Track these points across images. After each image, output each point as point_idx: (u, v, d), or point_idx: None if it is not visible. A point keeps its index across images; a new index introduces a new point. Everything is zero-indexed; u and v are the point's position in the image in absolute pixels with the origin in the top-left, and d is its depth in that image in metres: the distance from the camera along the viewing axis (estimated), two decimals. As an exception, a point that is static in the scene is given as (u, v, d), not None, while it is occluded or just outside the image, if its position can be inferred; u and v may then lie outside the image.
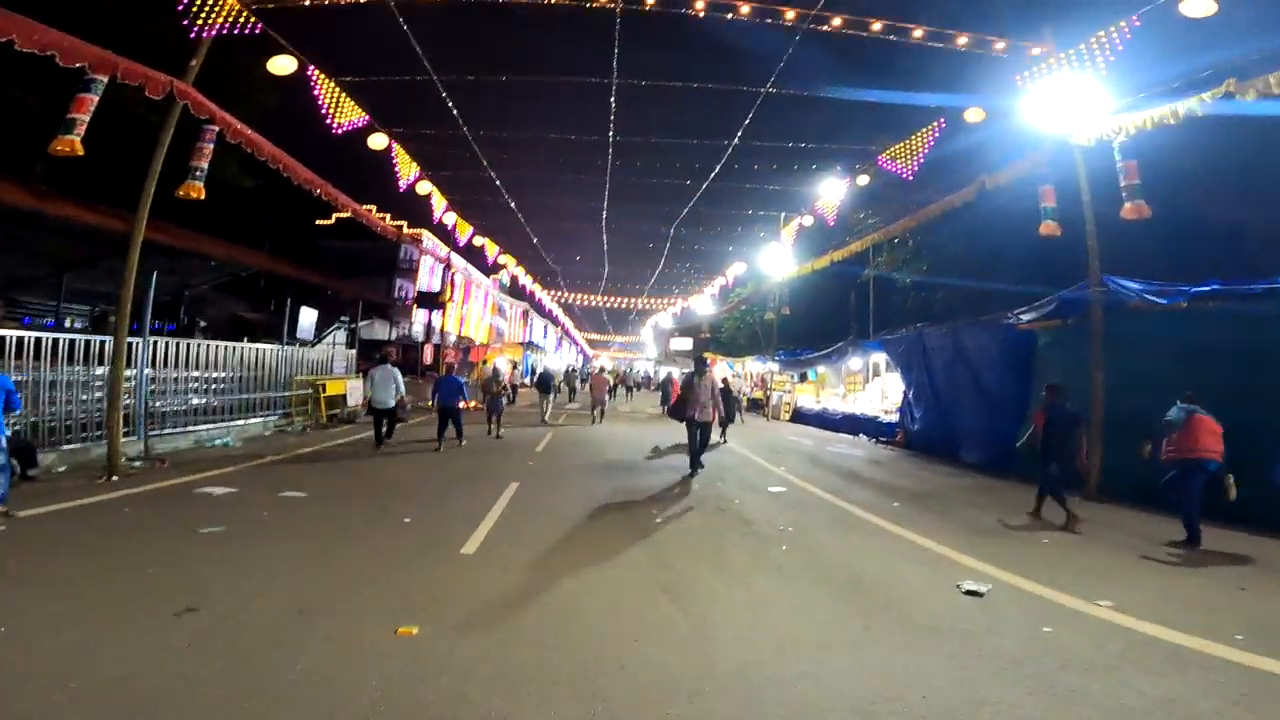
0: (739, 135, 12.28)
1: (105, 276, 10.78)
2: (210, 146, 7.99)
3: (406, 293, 34.09)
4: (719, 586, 4.37)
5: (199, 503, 6.21)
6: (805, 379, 21.83)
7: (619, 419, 18.38)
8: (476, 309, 40.79)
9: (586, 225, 19.80)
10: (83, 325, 15.01)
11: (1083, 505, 7.55)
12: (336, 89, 10.36)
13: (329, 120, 10.39)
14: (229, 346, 11.23)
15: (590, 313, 47.38)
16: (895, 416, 14.55)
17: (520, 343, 44.41)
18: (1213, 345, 7.24)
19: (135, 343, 8.88)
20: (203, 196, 7.84)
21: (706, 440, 9.11)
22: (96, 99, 6.46)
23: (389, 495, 6.84)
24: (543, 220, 19.95)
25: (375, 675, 2.88)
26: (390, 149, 12.87)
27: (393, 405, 10.24)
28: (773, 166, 13.85)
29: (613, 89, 10.88)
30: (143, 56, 6.89)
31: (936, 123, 10.99)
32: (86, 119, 6.40)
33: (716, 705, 2.77)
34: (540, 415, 16.11)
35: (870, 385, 17.92)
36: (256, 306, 19.59)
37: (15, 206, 8.51)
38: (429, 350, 27.10)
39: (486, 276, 39.57)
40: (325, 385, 13.38)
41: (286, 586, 3.98)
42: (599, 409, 16.80)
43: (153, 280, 9.30)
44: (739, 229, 19.70)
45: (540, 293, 37.25)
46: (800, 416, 19.96)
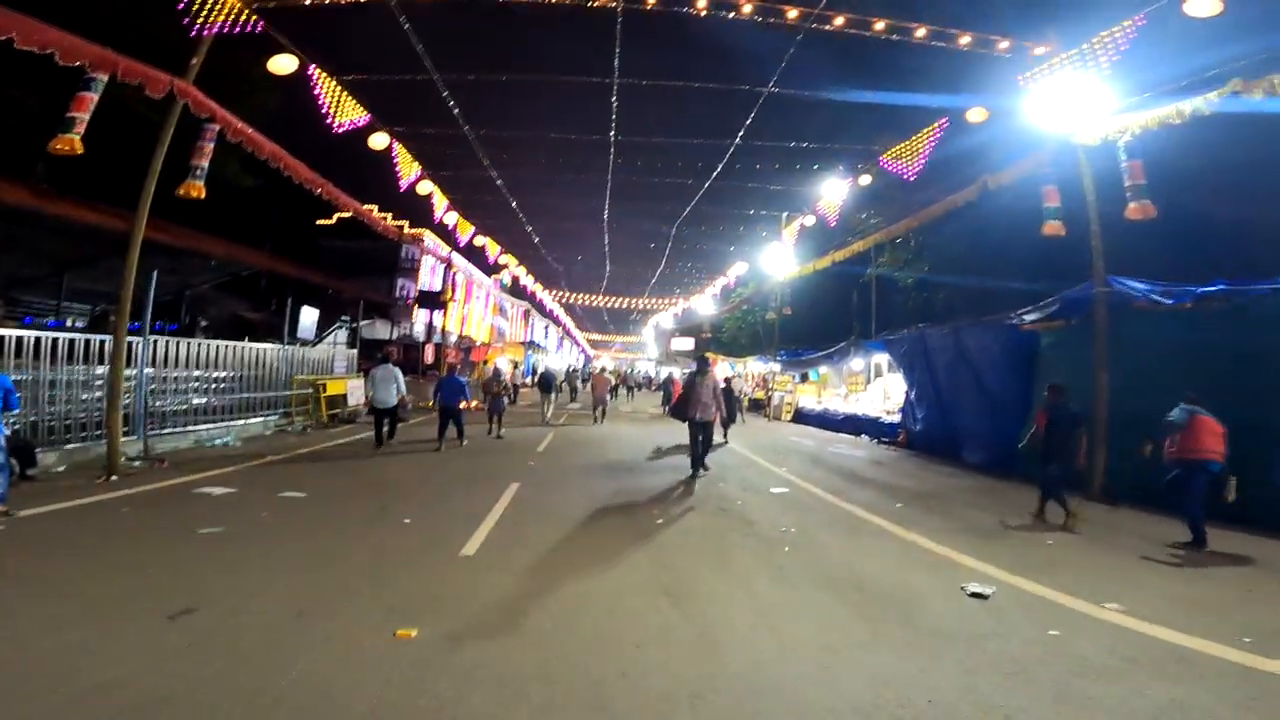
0: (741, 135, 12.23)
1: (106, 276, 10.77)
2: (211, 145, 7.98)
3: (408, 292, 34.05)
4: (721, 589, 4.33)
5: (198, 503, 6.18)
6: (807, 379, 21.79)
7: (620, 419, 18.35)
8: (478, 309, 40.77)
9: (588, 225, 19.77)
10: (84, 325, 15.01)
11: (1086, 506, 7.50)
12: (337, 88, 10.34)
13: (330, 119, 10.38)
14: (230, 346, 11.22)
15: (591, 313, 47.38)
16: (897, 417, 14.50)
17: (521, 342, 44.38)
18: (1217, 346, 7.20)
19: (135, 342, 8.87)
20: (203, 195, 7.83)
21: (709, 441, 9.04)
22: (96, 98, 6.45)
23: (389, 495, 6.81)
24: (544, 220, 19.92)
25: (374, 678, 2.85)
26: (391, 148, 12.85)
27: (394, 405, 10.23)
28: (775, 166, 13.80)
29: (614, 88, 10.85)
30: (143, 55, 6.88)
31: (939, 123, 10.94)
32: (86, 117, 6.40)
33: (720, 710, 2.74)
34: (541, 415, 16.09)
35: (872, 386, 17.87)
36: (257, 306, 19.58)
37: (16, 205, 8.50)
38: (430, 350, 27.05)
39: (488, 276, 39.55)
40: (326, 385, 13.36)
41: (285, 588, 3.95)
42: (600, 409, 16.79)
43: (153, 279, 9.29)
44: (740, 229, 19.65)
45: (541, 293, 37.25)
46: (802, 417, 19.91)
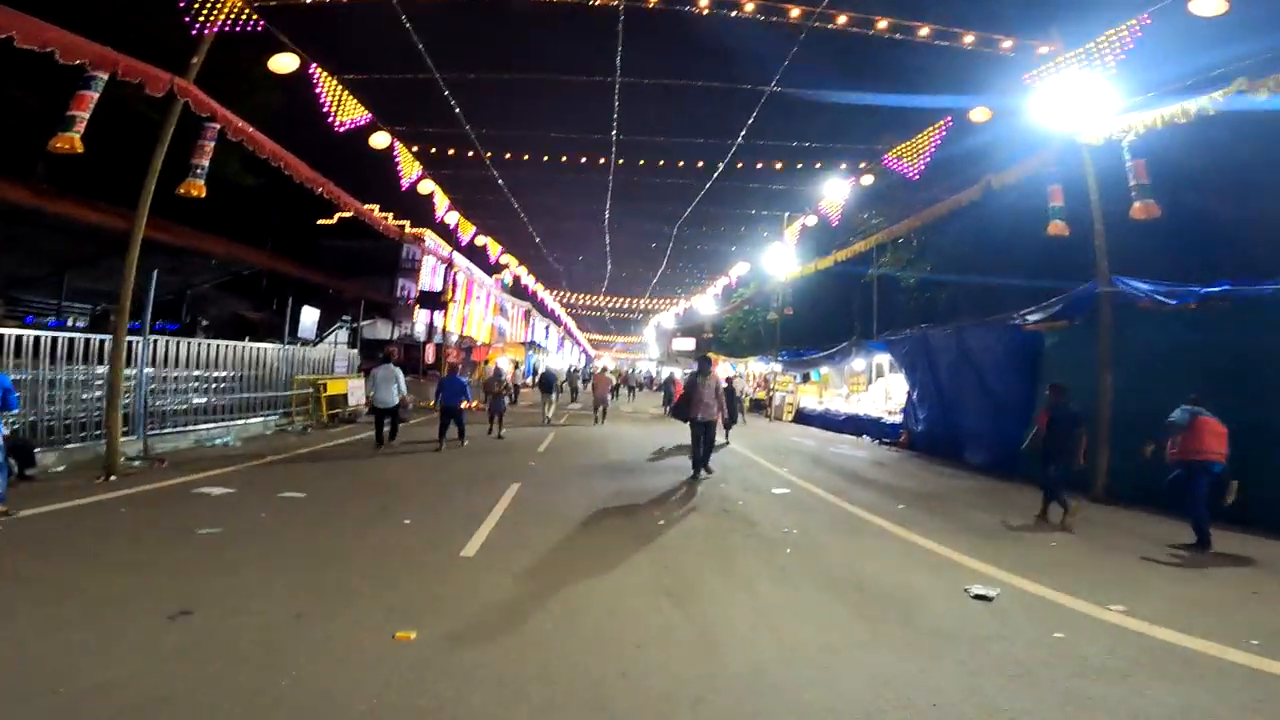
0: (743, 134, 12.21)
1: (106, 275, 10.76)
2: (211, 144, 7.95)
3: (409, 292, 34.05)
4: (723, 590, 4.30)
5: (197, 503, 6.16)
6: (808, 379, 21.74)
7: (621, 419, 18.32)
8: (479, 309, 40.75)
9: (589, 225, 19.76)
10: (85, 324, 15.01)
11: (1090, 507, 7.49)
12: (338, 87, 10.32)
13: (331, 118, 10.36)
14: (230, 345, 11.20)
15: (593, 315, 47.36)
16: (899, 417, 14.46)
17: (522, 342, 44.34)
18: (1221, 346, 7.16)
19: (135, 341, 8.85)
20: (204, 194, 7.81)
21: (712, 441, 8.95)
22: (96, 96, 6.43)
23: (389, 496, 6.78)
24: (545, 220, 19.91)
25: (372, 681, 2.82)
26: (392, 147, 12.84)
27: (395, 404, 10.21)
28: (776, 166, 13.77)
29: (616, 87, 10.83)
30: (144, 55, 6.87)
31: (942, 122, 10.91)
32: (86, 116, 6.38)
33: (720, 711, 2.71)
34: (542, 415, 16.06)
35: (874, 386, 17.82)
36: (258, 305, 19.58)
37: (16, 205, 8.49)
38: (431, 350, 27.03)
39: (489, 276, 39.54)
40: (326, 385, 13.34)
41: (284, 588, 3.93)
42: (601, 409, 16.77)
43: (153, 279, 9.27)
44: (742, 228, 19.64)
45: (542, 292, 37.25)
46: (803, 417, 19.87)
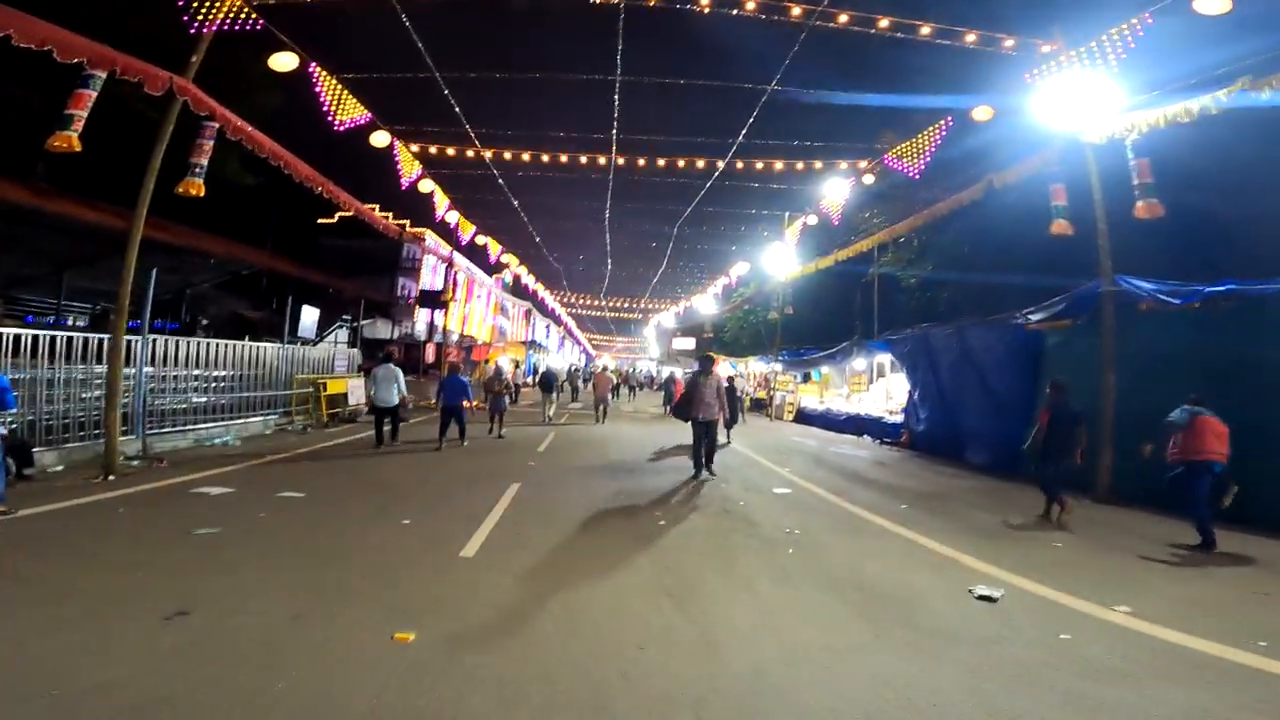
0: (743, 133, 12.17)
1: (106, 274, 10.74)
2: (210, 143, 7.92)
3: (409, 291, 34.03)
4: (724, 591, 4.27)
5: (195, 503, 6.13)
6: (809, 379, 21.70)
7: (621, 419, 18.29)
8: (479, 308, 40.71)
9: (589, 224, 19.71)
10: (85, 324, 14.99)
11: (1093, 507, 7.48)
12: (338, 86, 10.28)
13: (330, 117, 10.33)
14: (230, 345, 11.17)
15: (593, 313, 47.33)
16: (900, 417, 14.42)
17: (523, 342, 44.31)
18: (1225, 346, 7.12)
19: (134, 341, 8.82)
20: (202, 193, 7.78)
21: (714, 442, 8.86)
22: (94, 95, 6.39)
23: (388, 496, 6.75)
24: (545, 219, 19.86)
25: (370, 683, 2.79)
26: (392, 147, 12.80)
27: (395, 404, 10.19)
28: (777, 165, 13.73)
29: (616, 86, 10.79)
30: (143, 53, 6.83)
31: (944, 121, 10.86)
32: (84, 115, 6.34)
33: (722, 713, 2.68)
34: (542, 415, 16.05)
35: (875, 386, 17.78)
36: (258, 305, 19.59)
37: (16, 204, 8.47)
38: (431, 349, 27.02)
39: (489, 276, 39.51)
40: (326, 384, 13.31)
41: (282, 589, 3.89)
42: (602, 408, 16.75)
43: (152, 278, 9.25)
44: (742, 228, 19.58)
45: (543, 292, 37.21)
46: (804, 417, 19.83)
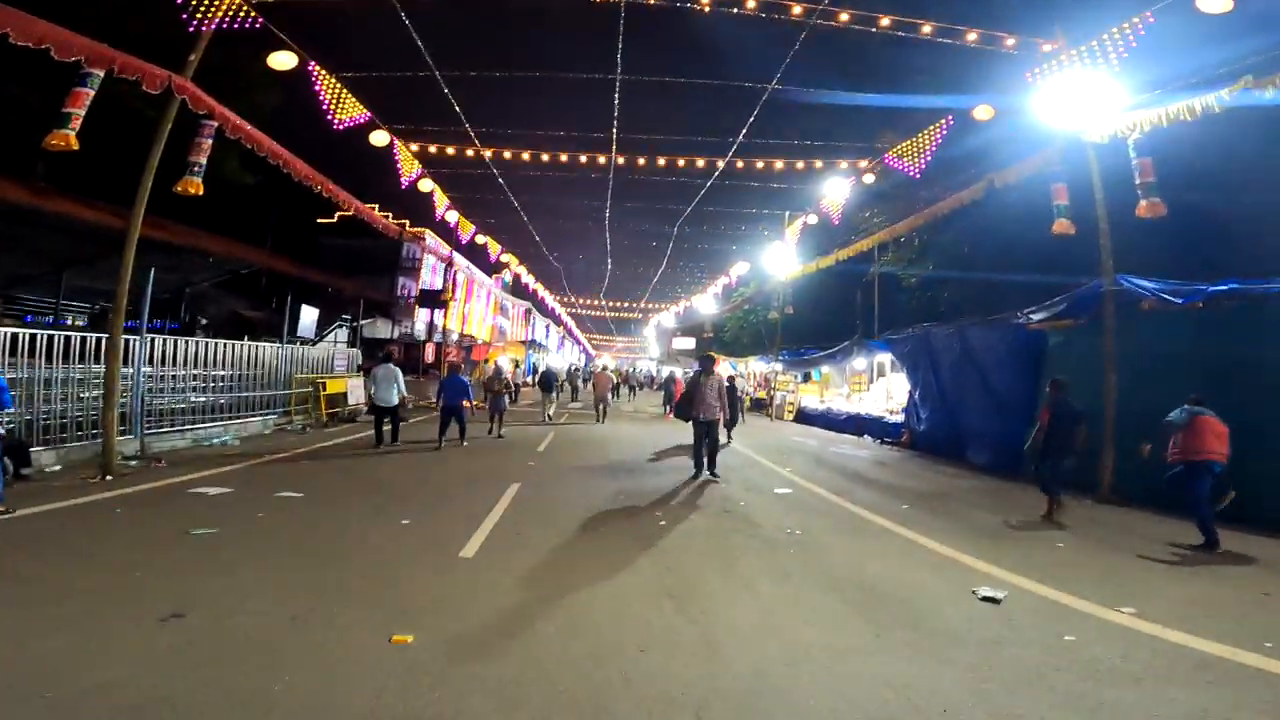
0: (744, 133, 12.15)
1: (105, 274, 10.68)
2: (209, 142, 7.89)
3: (409, 291, 34.01)
4: (726, 592, 4.24)
5: (193, 503, 6.09)
6: (809, 379, 21.68)
7: (621, 418, 18.26)
8: (479, 307, 40.69)
9: (589, 224, 19.69)
10: (84, 324, 14.96)
11: (1095, 508, 7.46)
12: (337, 85, 10.25)
13: (330, 116, 10.29)
14: (228, 344, 11.13)
15: (593, 313, 47.31)
16: (900, 417, 14.39)
17: (523, 341, 44.28)
18: (1228, 345, 7.08)
19: (132, 340, 8.78)
20: (201, 192, 7.75)
21: (715, 442, 8.76)
22: (92, 93, 6.36)
23: (387, 496, 6.72)
24: (545, 219, 19.85)
25: (368, 686, 2.75)
26: (392, 146, 12.77)
27: (395, 404, 10.17)
28: (777, 165, 13.71)
29: (616, 85, 10.76)
30: (141, 51, 6.80)
31: (944, 120, 10.82)
32: (82, 114, 6.31)
33: (724, 718, 2.64)
34: (542, 414, 16.03)
35: (875, 385, 17.76)
36: (257, 304, 19.56)
37: (14, 203, 8.44)
38: (431, 349, 26.99)
39: (489, 275, 39.47)
40: (325, 384, 13.28)
41: (279, 590, 3.86)
42: (602, 407, 16.73)
43: (150, 277, 9.21)
44: (743, 227, 19.57)
45: (543, 291, 37.18)
46: (804, 417, 19.81)
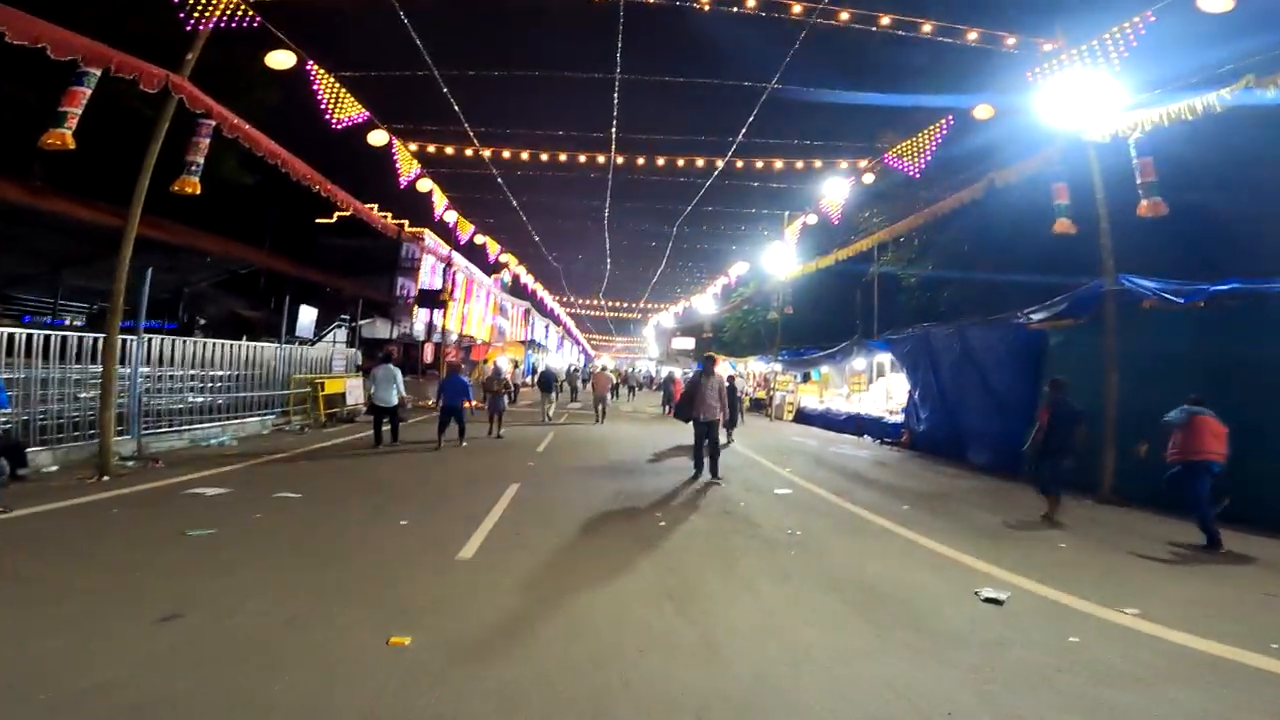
0: (743, 132, 12.13)
1: (103, 274, 10.62)
2: (206, 141, 7.86)
3: (408, 291, 33.99)
4: (726, 593, 4.21)
5: (190, 504, 6.06)
6: (809, 379, 21.63)
7: (621, 418, 18.23)
8: (478, 308, 40.67)
9: (589, 224, 19.68)
10: (82, 323, 14.92)
11: (1096, 508, 7.44)
12: (335, 84, 10.21)
13: (328, 116, 10.25)
14: (227, 344, 11.09)
15: (593, 313, 47.28)
16: (900, 417, 14.36)
17: (522, 341, 44.26)
18: (1230, 345, 7.06)
19: (130, 340, 8.74)
20: (198, 192, 7.73)
21: (716, 443, 8.65)
22: (89, 92, 6.33)
23: (386, 496, 6.69)
24: (544, 219, 19.83)
25: (365, 688, 2.72)
26: (390, 145, 12.74)
27: (394, 404, 10.15)
28: (777, 164, 13.69)
29: (615, 85, 10.74)
30: (139, 50, 6.77)
31: (945, 120, 10.80)
32: (79, 113, 6.28)
33: (727, 722, 2.62)
34: (542, 414, 16.00)
35: (875, 385, 17.72)
36: (256, 304, 19.52)
37: (11, 203, 8.40)
38: (430, 349, 26.96)
39: (488, 275, 39.43)
40: (324, 384, 13.24)
41: (276, 592, 3.83)
42: (601, 407, 16.70)
43: (148, 277, 9.17)
44: (742, 227, 19.56)
45: (542, 291, 37.15)
46: (804, 417, 19.78)
